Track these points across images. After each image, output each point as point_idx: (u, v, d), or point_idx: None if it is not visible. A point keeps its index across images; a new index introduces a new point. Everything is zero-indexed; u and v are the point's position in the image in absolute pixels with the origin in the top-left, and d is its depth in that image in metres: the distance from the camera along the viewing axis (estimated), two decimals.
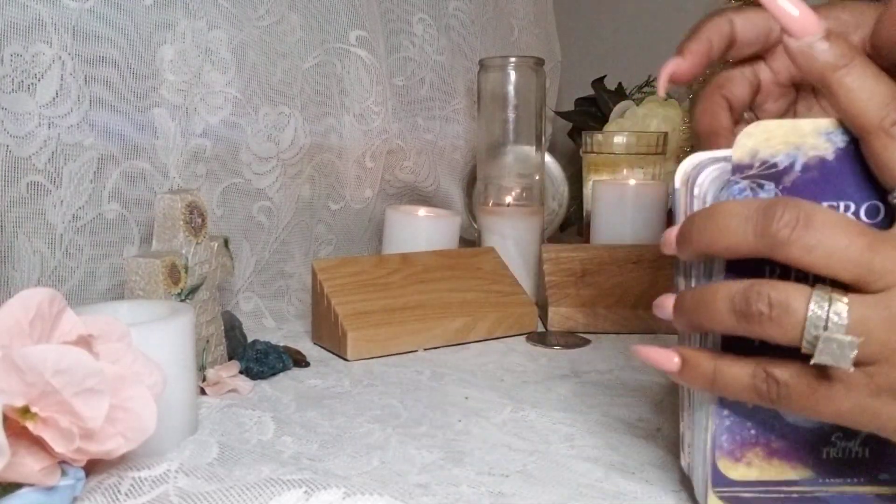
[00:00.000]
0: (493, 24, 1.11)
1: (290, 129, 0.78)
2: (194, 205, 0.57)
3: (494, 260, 0.79)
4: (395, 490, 0.38)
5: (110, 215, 0.63)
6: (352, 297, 0.67)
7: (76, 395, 0.32)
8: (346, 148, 0.86)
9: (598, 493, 0.40)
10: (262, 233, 0.77)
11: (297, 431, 0.48)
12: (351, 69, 0.86)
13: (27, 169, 0.57)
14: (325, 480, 0.37)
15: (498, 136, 0.91)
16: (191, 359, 0.47)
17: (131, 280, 0.53)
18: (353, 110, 0.87)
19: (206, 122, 0.70)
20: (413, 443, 0.47)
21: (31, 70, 0.56)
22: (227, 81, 0.71)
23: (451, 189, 1.02)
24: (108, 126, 0.62)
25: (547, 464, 0.44)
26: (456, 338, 0.70)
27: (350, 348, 0.64)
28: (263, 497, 0.36)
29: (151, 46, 0.65)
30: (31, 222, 0.57)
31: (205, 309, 0.57)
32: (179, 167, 0.68)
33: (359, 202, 0.90)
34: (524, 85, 0.90)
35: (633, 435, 0.48)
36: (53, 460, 0.34)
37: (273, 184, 0.77)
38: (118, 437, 0.34)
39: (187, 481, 0.39)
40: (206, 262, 0.58)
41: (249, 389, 0.56)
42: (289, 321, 0.77)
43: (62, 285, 0.60)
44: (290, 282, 0.80)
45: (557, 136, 1.30)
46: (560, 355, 0.67)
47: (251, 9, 0.74)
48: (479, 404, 0.54)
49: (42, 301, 0.34)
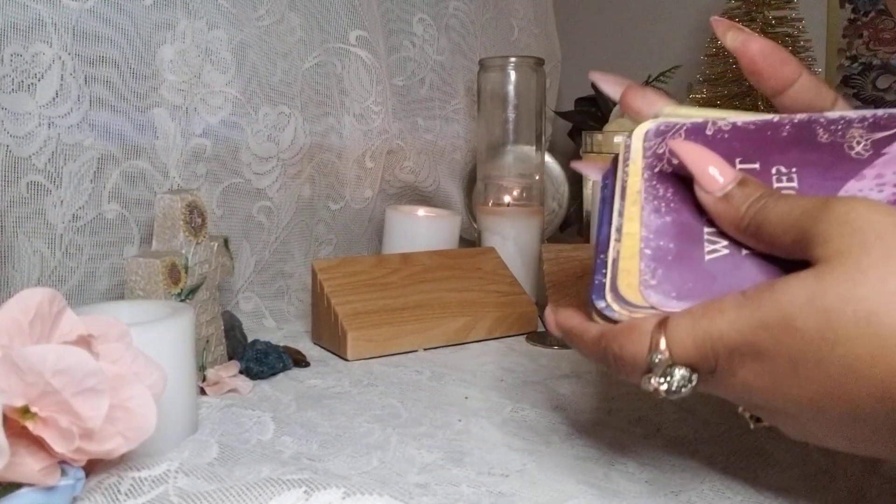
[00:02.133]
0: (493, 24, 1.11)
1: (290, 129, 0.78)
2: (194, 205, 0.57)
3: (494, 260, 0.79)
4: (394, 490, 0.38)
5: (110, 215, 0.63)
6: (352, 297, 0.67)
7: (76, 395, 0.32)
8: (346, 148, 0.86)
9: (598, 493, 0.40)
10: (262, 233, 0.77)
11: (296, 431, 0.48)
12: (351, 69, 0.86)
13: (27, 169, 0.57)
14: (324, 480, 0.37)
15: (498, 136, 0.91)
16: (191, 359, 0.47)
17: (131, 280, 0.53)
18: (353, 110, 0.87)
19: (206, 122, 0.70)
20: (413, 443, 0.47)
21: (31, 70, 0.56)
22: (227, 81, 0.71)
23: (451, 189, 1.02)
24: (108, 126, 0.62)
25: (547, 464, 0.44)
26: (456, 338, 0.70)
27: (350, 348, 0.64)
28: (263, 497, 0.36)
29: (151, 46, 0.65)
30: (31, 222, 0.57)
31: (205, 309, 0.57)
32: (179, 167, 0.68)
33: (359, 202, 0.90)
34: (524, 85, 0.90)
35: (633, 435, 0.48)
36: (53, 460, 0.34)
37: (273, 184, 0.77)
38: (118, 437, 0.34)
39: (187, 481, 0.39)
40: (206, 262, 0.58)
41: (249, 389, 0.56)
42: (289, 321, 0.77)
43: (62, 285, 0.60)
44: (290, 282, 0.80)
45: (557, 136, 1.30)
46: (560, 355, 0.67)
47: (251, 9, 0.74)
48: (479, 404, 0.54)
49: (42, 301, 0.34)
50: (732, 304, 0.30)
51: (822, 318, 0.27)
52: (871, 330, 0.27)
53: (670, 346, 0.31)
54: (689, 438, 0.47)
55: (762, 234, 0.31)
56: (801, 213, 0.30)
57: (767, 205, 0.31)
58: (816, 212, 0.29)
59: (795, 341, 0.28)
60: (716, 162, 0.33)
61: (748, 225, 0.32)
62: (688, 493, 0.40)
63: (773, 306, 0.28)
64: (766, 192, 0.32)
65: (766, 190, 0.32)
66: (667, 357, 0.31)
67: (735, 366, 0.30)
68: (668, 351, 0.31)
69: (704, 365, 0.31)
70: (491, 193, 0.91)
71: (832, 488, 0.40)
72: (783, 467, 0.43)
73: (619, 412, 0.52)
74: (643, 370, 0.32)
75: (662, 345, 0.31)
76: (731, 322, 0.29)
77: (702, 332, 0.30)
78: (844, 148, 0.34)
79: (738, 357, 0.30)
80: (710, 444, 0.46)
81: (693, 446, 0.46)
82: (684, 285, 0.32)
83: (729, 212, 0.32)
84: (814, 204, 0.29)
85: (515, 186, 0.90)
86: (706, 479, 0.41)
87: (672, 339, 0.31)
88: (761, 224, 0.31)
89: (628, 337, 0.32)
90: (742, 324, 0.29)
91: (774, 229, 0.31)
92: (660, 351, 0.31)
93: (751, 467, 0.43)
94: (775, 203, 0.31)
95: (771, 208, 0.31)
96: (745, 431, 0.48)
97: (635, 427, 0.49)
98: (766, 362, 0.29)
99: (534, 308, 0.76)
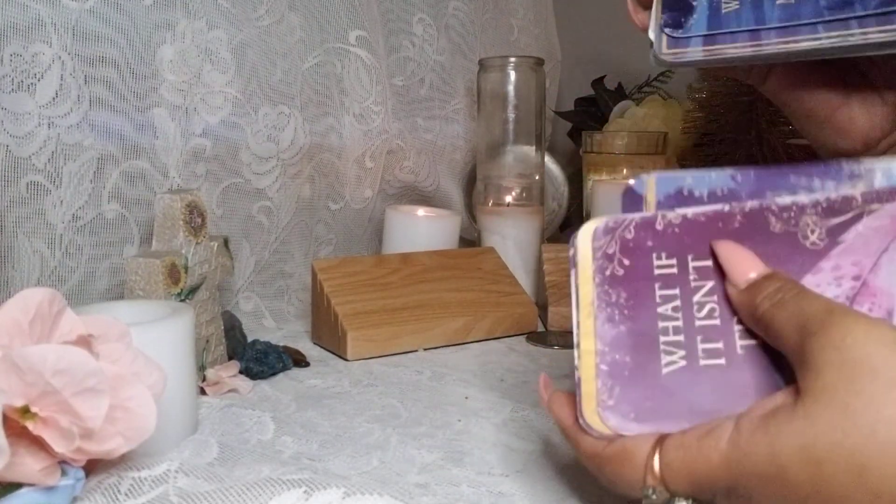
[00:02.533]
0: (493, 24, 1.11)
1: (290, 129, 0.78)
2: (194, 205, 0.57)
3: (494, 260, 0.79)
4: (394, 490, 0.38)
5: (110, 215, 0.63)
6: (352, 297, 0.67)
7: (76, 394, 0.32)
8: (346, 148, 0.86)
9: (598, 493, 0.40)
10: (262, 233, 0.77)
11: (296, 431, 0.48)
12: (351, 69, 0.86)
13: (27, 169, 0.57)
14: (324, 480, 0.37)
15: (498, 136, 0.91)
16: (191, 359, 0.47)
17: (131, 280, 0.53)
18: (352, 110, 0.87)
19: (206, 122, 0.70)
20: (413, 443, 0.47)
21: (31, 70, 0.56)
22: (227, 81, 0.71)
23: (451, 189, 1.02)
24: (108, 126, 0.62)
25: (547, 464, 0.44)
26: (456, 338, 0.70)
27: (350, 348, 0.64)
28: (263, 497, 0.36)
29: (151, 46, 0.65)
30: (31, 222, 0.57)
31: (205, 309, 0.57)
32: (179, 167, 0.68)
33: (359, 202, 0.90)
34: (524, 85, 0.90)
35: None
36: (53, 460, 0.34)
37: (273, 184, 0.77)
38: (118, 436, 0.34)
39: (187, 481, 0.39)
40: (205, 262, 0.58)
41: (249, 389, 0.56)
42: (289, 321, 0.77)
43: (62, 285, 0.60)
44: (290, 282, 0.80)
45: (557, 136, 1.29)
46: (560, 355, 0.67)
47: (251, 9, 0.74)
48: (479, 404, 0.54)
49: (42, 301, 0.34)
50: (727, 439, 0.29)
51: (815, 470, 0.27)
52: (865, 484, 0.26)
53: (665, 480, 0.31)
54: None
55: (770, 331, 0.31)
56: (805, 321, 0.29)
57: (782, 301, 0.31)
58: (815, 326, 0.28)
59: (789, 491, 0.28)
60: (748, 259, 0.32)
61: (760, 317, 0.31)
62: None
63: (767, 452, 0.28)
64: (786, 287, 0.31)
65: (789, 284, 0.31)
66: (663, 492, 0.31)
67: (732, 499, 0.30)
68: (664, 484, 0.31)
69: (700, 495, 0.31)
70: (491, 193, 0.91)
71: None
72: None
73: None
74: (640, 492, 0.31)
75: (658, 475, 0.31)
76: (725, 463, 0.29)
77: (696, 469, 0.30)
78: (799, 237, 0.33)
79: (735, 494, 0.29)
80: None
81: None
82: (643, 404, 0.32)
83: (747, 303, 0.32)
84: (817, 314, 0.29)
85: (515, 186, 0.90)
86: None
87: (667, 472, 0.31)
88: (770, 321, 0.31)
89: (621, 465, 0.32)
90: (736, 466, 0.29)
91: (781, 329, 0.30)
92: (655, 485, 0.31)
93: None
94: (787, 302, 0.30)
95: (782, 307, 0.30)
96: None
97: None
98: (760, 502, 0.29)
99: (534, 308, 0.76)
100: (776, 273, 0.32)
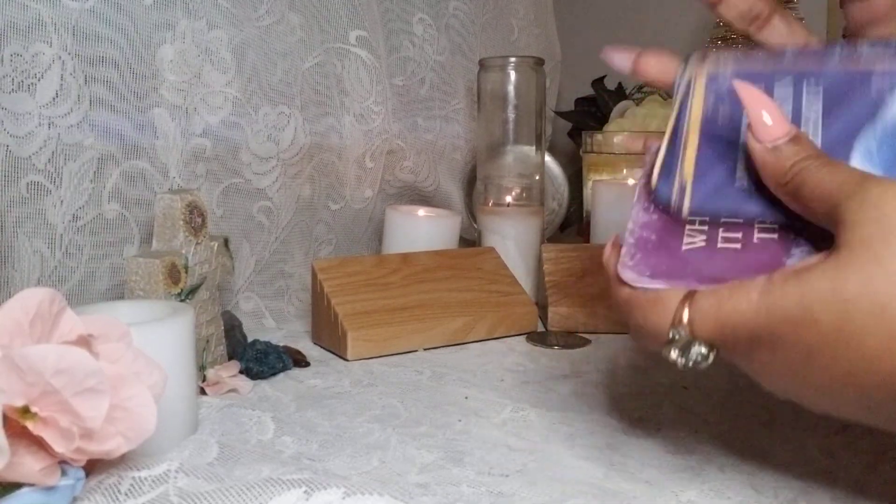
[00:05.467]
0: (493, 24, 1.11)
1: (290, 129, 0.78)
2: (194, 205, 0.57)
3: (494, 260, 0.79)
4: (395, 490, 0.38)
5: (110, 215, 0.63)
6: (352, 297, 0.67)
7: (76, 395, 0.32)
8: (346, 148, 0.86)
9: (598, 493, 0.40)
10: (262, 233, 0.77)
11: (297, 431, 0.48)
12: (351, 69, 0.86)
13: (27, 169, 0.57)
14: (325, 480, 0.37)
15: (498, 136, 0.91)
16: (191, 359, 0.47)
17: (131, 280, 0.53)
18: (353, 110, 0.87)
19: (206, 122, 0.70)
20: (413, 443, 0.47)
21: (31, 70, 0.56)
22: (227, 81, 0.71)
23: (451, 189, 1.02)
24: (108, 126, 0.62)
25: (547, 464, 0.44)
26: (456, 338, 0.70)
27: (350, 348, 0.64)
28: (263, 497, 0.36)
29: (151, 46, 0.65)
30: (31, 222, 0.57)
31: (205, 309, 0.57)
32: (179, 167, 0.68)
33: (359, 202, 0.90)
34: (524, 85, 0.90)
35: (633, 435, 0.48)
36: (53, 460, 0.34)
37: (273, 184, 0.77)
38: (118, 436, 0.34)
39: (187, 481, 0.39)
40: (206, 262, 0.58)
41: (249, 389, 0.56)
42: (289, 321, 0.77)
43: (62, 285, 0.60)
44: (290, 282, 0.80)
45: (557, 136, 1.30)
46: (560, 355, 0.67)
47: (251, 9, 0.74)
48: (479, 404, 0.54)
49: (42, 301, 0.34)
50: (759, 289, 0.30)
51: (842, 309, 0.28)
52: (884, 323, 0.27)
53: (692, 323, 0.32)
54: (688, 438, 0.47)
55: (799, 197, 0.31)
56: (838, 185, 0.30)
57: (810, 167, 0.31)
58: (851, 189, 0.29)
59: (813, 335, 0.29)
60: (773, 112, 0.32)
61: (788, 183, 0.32)
62: (688, 493, 0.40)
63: (798, 299, 0.29)
64: (814, 154, 0.31)
65: (816, 152, 0.32)
66: (687, 333, 0.32)
67: (753, 351, 0.31)
68: (690, 327, 0.32)
69: (723, 345, 0.31)
70: (491, 193, 0.91)
71: (832, 488, 0.40)
72: (783, 467, 0.43)
73: (619, 412, 0.52)
74: (663, 341, 0.32)
75: (685, 320, 0.32)
76: (755, 310, 0.30)
77: (725, 315, 0.31)
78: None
79: (757, 345, 0.30)
80: (710, 444, 0.46)
81: (693, 446, 0.46)
82: (659, 267, 0.34)
83: (775, 166, 0.32)
84: (852, 178, 0.30)
85: (515, 186, 0.90)
86: (706, 479, 0.41)
87: (696, 316, 0.32)
88: (799, 186, 0.31)
89: (653, 308, 0.33)
90: (766, 313, 0.30)
91: (811, 194, 0.31)
92: (682, 326, 0.32)
93: (751, 467, 0.43)
94: (818, 168, 0.31)
95: (813, 172, 0.31)
96: (745, 431, 0.48)
97: (635, 427, 0.49)
98: (783, 352, 0.30)
99: (534, 308, 0.76)
100: (801, 135, 0.32)
